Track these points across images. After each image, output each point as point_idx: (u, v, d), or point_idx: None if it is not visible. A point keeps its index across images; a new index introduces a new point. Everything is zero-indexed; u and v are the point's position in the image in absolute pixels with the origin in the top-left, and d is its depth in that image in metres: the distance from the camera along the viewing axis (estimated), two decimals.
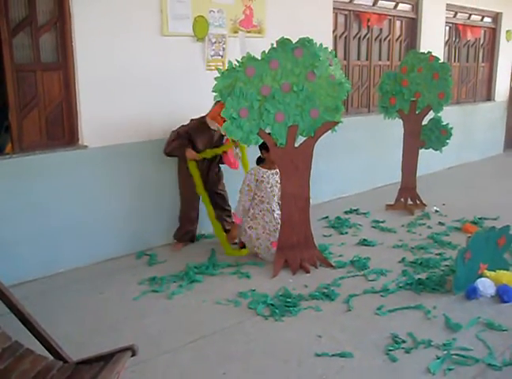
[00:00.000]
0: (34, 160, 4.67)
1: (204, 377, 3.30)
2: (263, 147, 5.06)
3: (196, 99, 5.56)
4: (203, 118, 5.26)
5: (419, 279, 4.66)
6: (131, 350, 2.75)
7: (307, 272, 4.85)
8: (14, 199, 4.57)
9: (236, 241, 5.52)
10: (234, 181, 5.61)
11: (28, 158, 4.64)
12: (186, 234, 5.62)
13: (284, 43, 4.53)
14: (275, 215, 5.23)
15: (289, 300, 4.27)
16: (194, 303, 4.30)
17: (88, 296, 4.45)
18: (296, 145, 4.74)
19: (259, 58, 4.51)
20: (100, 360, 2.76)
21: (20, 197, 4.60)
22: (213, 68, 5.61)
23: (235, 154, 5.47)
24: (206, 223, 5.64)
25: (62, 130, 4.96)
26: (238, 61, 4.50)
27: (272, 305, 4.19)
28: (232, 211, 5.52)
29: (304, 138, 4.77)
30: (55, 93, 4.87)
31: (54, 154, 4.76)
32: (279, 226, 5.07)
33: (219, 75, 4.48)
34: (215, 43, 5.74)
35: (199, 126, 5.26)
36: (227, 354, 3.54)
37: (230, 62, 4.54)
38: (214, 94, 4.49)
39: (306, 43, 4.52)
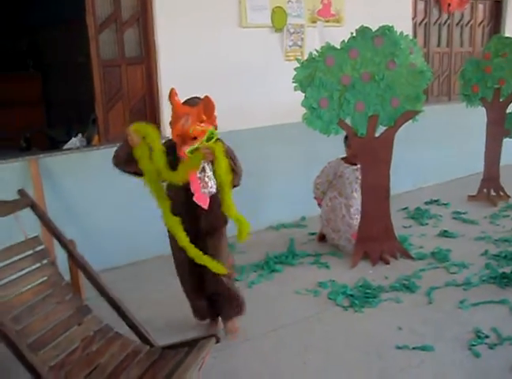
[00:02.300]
0: None
1: (284, 365, 3.34)
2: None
3: (275, 90, 5.58)
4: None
5: (503, 272, 4.49)
6: (215, 338, 2.82)
7: (387, 263, 4.80)
8: (101, 189, 4.76)
9: (315, 232, 5.53)
10: None
11: (113, 149, 4.79)
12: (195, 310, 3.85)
13: (363, 31, 4.48)
14: (351, 210, 5.16)
15: (369, 291, 4.24)
16: (274, 292, 4.35)
17: (168, 283, 4.56)
18: (377, 135, 4.69)
19: (338, 48, 4.48)
20: (185, 346, 2.84)
21: (105, 188, 4.77)
22: (292, 58, 5.58)
23: (202, 178, 3.29)
24: (285, 212, 5.63)
25: (144, 122, 5.10)
26: (317, 51, 4.49)
27: (351, 296, 4.18)
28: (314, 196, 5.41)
29: (385, 128, 4.70)
30: (138, 87, 5.03)
31: None
32: (355, 221, 5.04)
33: (298, 65, 4.49)
34: (293, 33, 5.74)
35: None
36: (308, 344, 3.56)
37: (310, 53, 4.54)
38: (294, 84, 4.50)
39: (386, 31, 4.44)
